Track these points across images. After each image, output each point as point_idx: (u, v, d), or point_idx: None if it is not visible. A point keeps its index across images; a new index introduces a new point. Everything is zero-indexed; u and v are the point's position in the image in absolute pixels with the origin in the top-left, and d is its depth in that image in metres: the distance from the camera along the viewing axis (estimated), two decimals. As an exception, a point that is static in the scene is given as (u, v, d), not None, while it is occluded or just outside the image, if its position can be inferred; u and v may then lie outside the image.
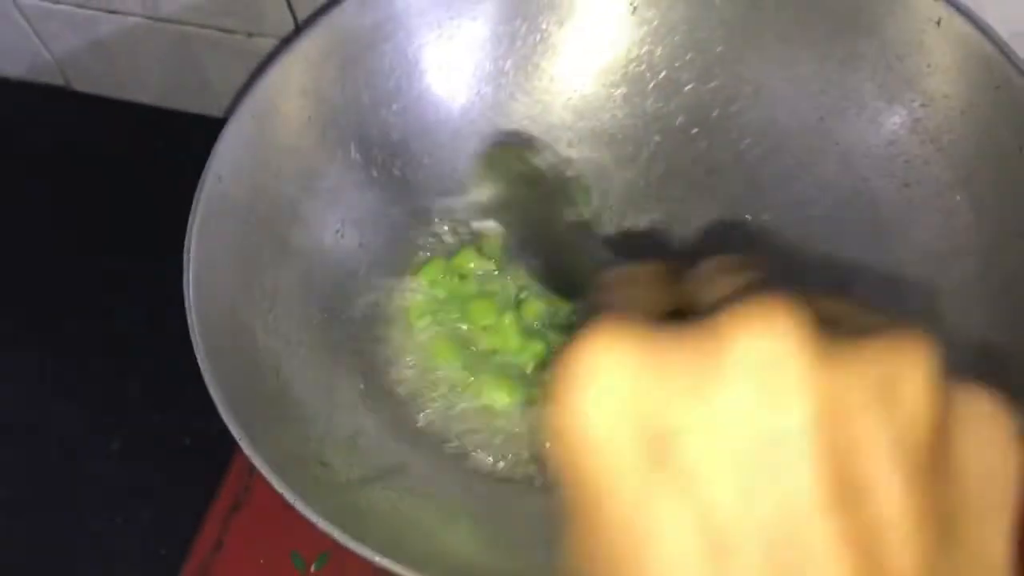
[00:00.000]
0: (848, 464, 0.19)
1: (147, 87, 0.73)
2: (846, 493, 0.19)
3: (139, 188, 0.70)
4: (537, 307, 0.48)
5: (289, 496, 0.36)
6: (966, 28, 0.44)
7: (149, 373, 0.60)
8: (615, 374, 0.20)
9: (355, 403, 0.45)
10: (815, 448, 0.19)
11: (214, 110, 0.72)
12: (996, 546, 0.20)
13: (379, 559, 0.35)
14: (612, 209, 0.52)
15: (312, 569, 0.49)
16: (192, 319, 0.40)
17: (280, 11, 0.62)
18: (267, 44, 0.64)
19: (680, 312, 0.25)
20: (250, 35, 0.65)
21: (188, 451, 0.57)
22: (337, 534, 0.35)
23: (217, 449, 0.54)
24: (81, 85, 0.75)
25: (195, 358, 0.54)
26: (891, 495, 0.19)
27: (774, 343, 0.19)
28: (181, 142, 0.69)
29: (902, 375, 0.19)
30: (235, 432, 0.37)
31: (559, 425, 0.21)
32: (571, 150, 0.53)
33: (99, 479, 0.58)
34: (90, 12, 0.67)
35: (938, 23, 0.45)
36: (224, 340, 0.42)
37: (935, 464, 0.20)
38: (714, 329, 0.20)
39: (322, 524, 0.35)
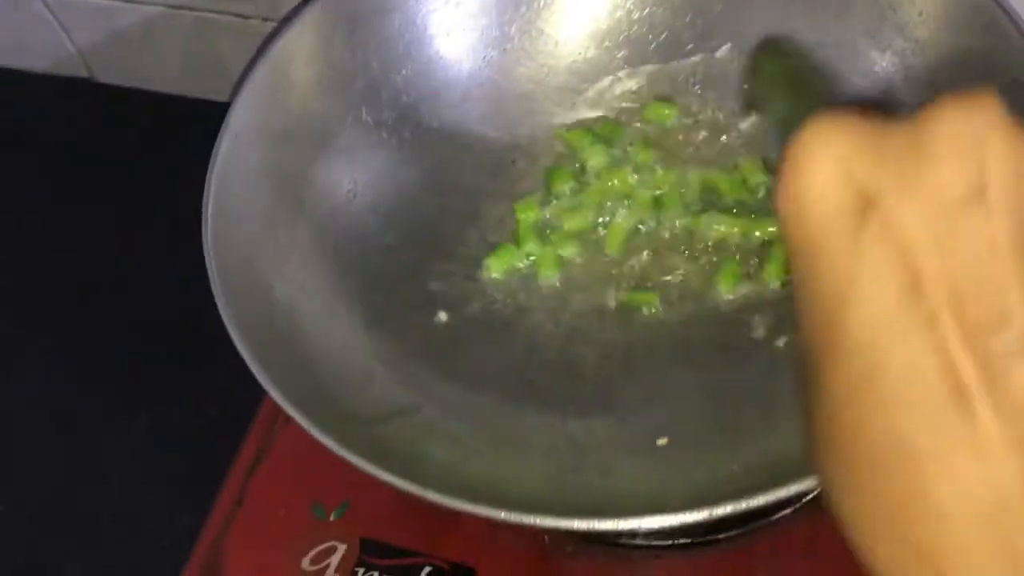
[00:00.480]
0: None
1: (168, 76, 0.74)
2: None
3: (163, 172, 0.71)
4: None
5: (307, 425, 0.37)
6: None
7: (176, 345, 0.62)
8: (836, 144, 0.24)
9: (366, 348, 0.47)
10: (1005, 204, 0.22)
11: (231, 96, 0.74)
12: None
13: (404, 485, 0.37)
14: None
15: (332, 518, 0.50)
16: (211, 266, 0.42)
17: (295, -6, 0.64)
18: (280, 26, 0.66)
19: None
20: (266, 20, 0.67)
21: (213, 421, 0.59)
22: (361, 463, 0.37)
23: (240, 419, 0.56)
24: (104, 76, 0.77)
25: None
26: None
27: (974, 118, 0.23)
28: (203, 128, 0.71)
29: None
30: (254, 368, 0.39)
31: (787, 190, 0.25)
32: (575, 111, 0.54)
33: (127, 449, 0.59)
34: (110, 2, 0.69)
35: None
36: (241, 287, 0.43)
37: None
38: (923, 113, 0.23)
39: (343, 452, 0.37)
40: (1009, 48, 0.45)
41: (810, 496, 0.44)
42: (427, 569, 0.49)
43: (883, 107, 0.48)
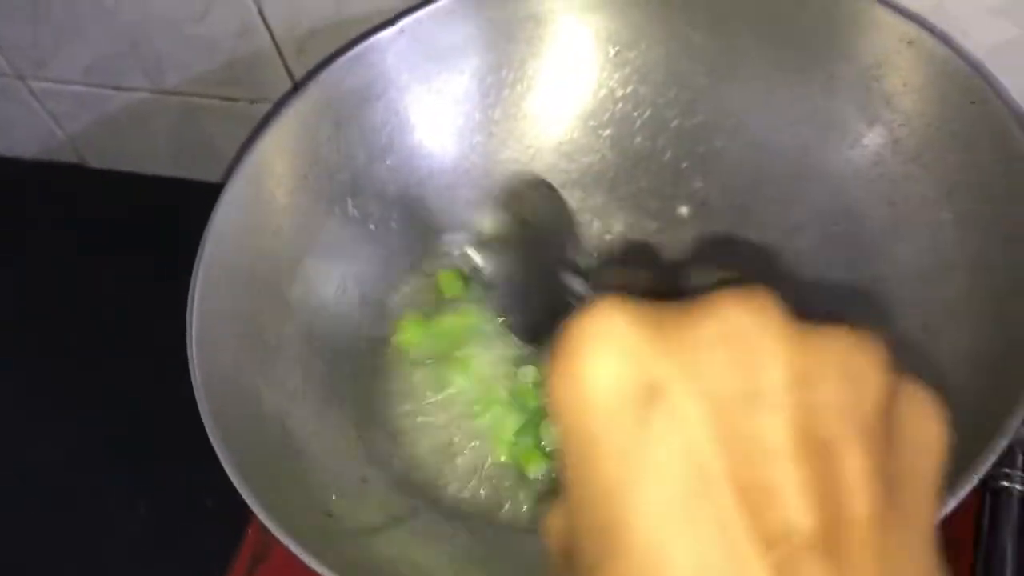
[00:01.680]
0: (813, 423, 0.21)
1: (158, 158, 0.75)
2: (811, 446, 0.21)
3: (156, 254, 0.71)
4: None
5: (295, 548, 0.37)
6: (937, 46, 0.45)
7: (172, 434, 0.61)
8: (618, 331, 0.23)
9: (358, 452, 0.46)
10: (786, 406, 0.21)
11: (221, 176, 0.74)
12: (928, 507, 0.23)
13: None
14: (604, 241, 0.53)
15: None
16: (196, 380, 0.42)
17: (280, 76, 0.64)
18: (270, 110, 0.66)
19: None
20: (253, 102, 0.67)
21: (212, 511, 0.58)
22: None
23: (240, 507, 0.55)
24: (96, 161, 0.77)
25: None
26: (851, 452, 0.21)
27: (753, 316, 0.22)
28: (193, 209, 0.71)
29: (859, 358, 0.22)
30: (240, 488, 0.38)
31: (564, 379, 0.23)
32: (563, 192, 0.54)
33: (125, 539, 0.59)
34: (98, 90, 0.70)
35: (910, 43, 0.46)
36: (228, 397, 0.43)
37: (884, 433, 0.22)
38: (702, 304, 0.23)
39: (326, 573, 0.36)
40: (994, 119, 0.44)
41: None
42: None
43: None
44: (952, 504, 0.35)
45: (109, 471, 0.62)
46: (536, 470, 0.47)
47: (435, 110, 0.53)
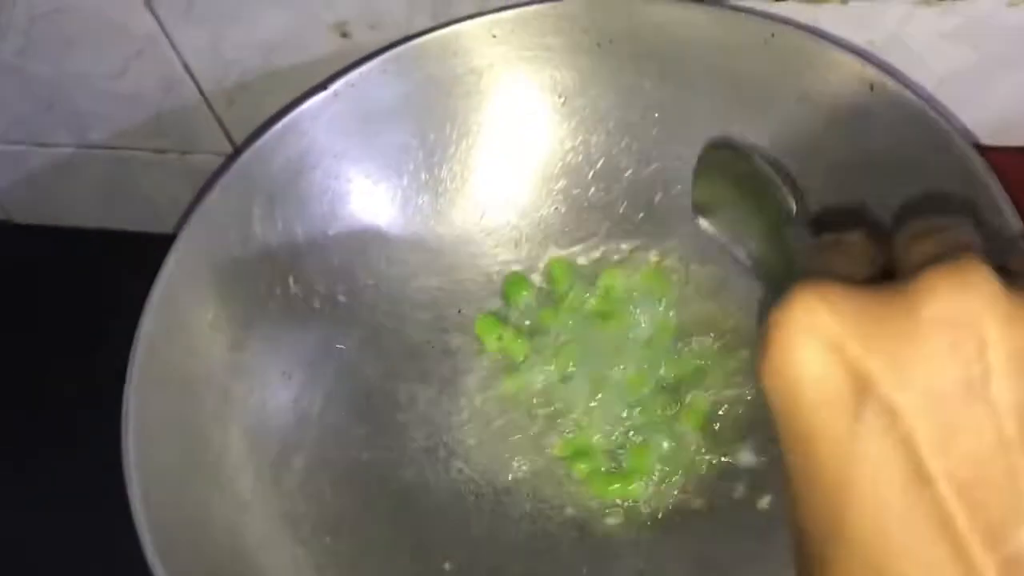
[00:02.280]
0: None
1: (88, 212, 0.71)
2: None
3: (93, 309, 0.68)
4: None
5: None
6: (902, 91, 0.43)
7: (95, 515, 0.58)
8: (823, 324, 0.23)
9: (320, 558, 0.43)
10: (1007, 395, 0.21)
11: (158, 226, 0.71)
12: None
13: None
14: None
15: None
16: (135, 501, 0.39)
17: (211, 127, 0.61)
18: (202, 160, 0.63)
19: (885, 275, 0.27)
20: (184, 153, 0.64)
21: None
22: None
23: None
24: (22, 217, 0.73)
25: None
26: None
27: (969, 298, 0.21)
28: (128, 260, 0.67)
29: None
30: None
31: (774, 371, 0.24)
32: (518, 250, 0.51)
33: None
34: (20, 147, 0.66)
35: (871, 88, 0.44)
36: (172, 512, 0.40)
37: None
38: (912, 289, 0.22)
39: None
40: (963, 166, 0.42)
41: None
42: None
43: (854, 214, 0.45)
44: None
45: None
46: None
47: (377, 174, 0.50)
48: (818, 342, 0.23)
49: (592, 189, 0.51)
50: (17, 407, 0.64)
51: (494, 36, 0.48)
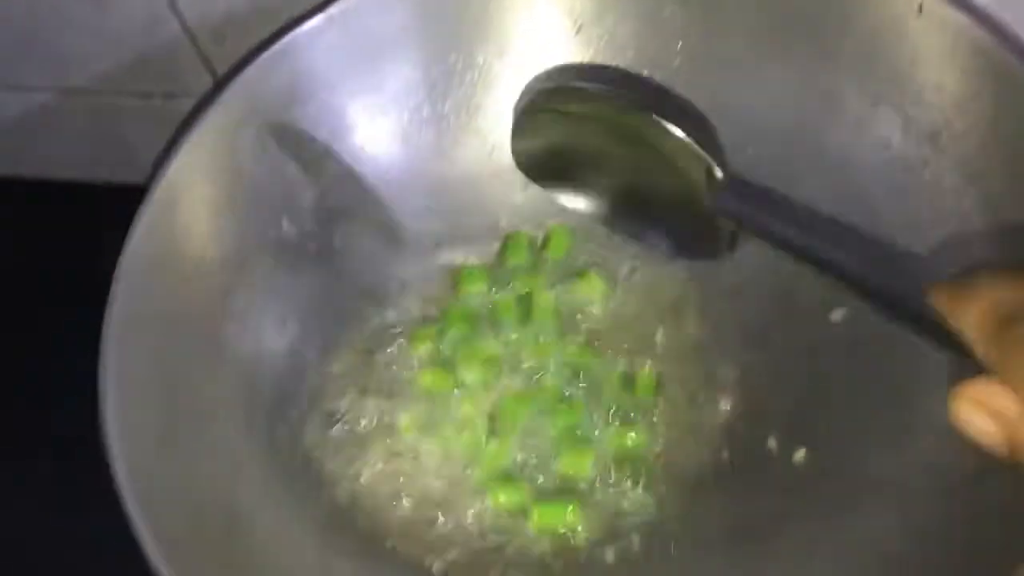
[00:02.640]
0: None
1: (68, 162, 0.68)
2: None
3: (72, 265, 0.64)
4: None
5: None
6: (952, 13, 0.39)
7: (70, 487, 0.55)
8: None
9: (320, 532, 0.40)
10: None
11: (141, 177, 0.67)
12: None
13: None
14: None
15: None
16: (114, 458, 0.35)
17: (197, 69, 0.57)
18: (188, 105, 0.59)
19: None
20: (169, 97, 0.60)
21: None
22: None
23: None
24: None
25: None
26: None
27: None
28: (110, 214, 0.64)
29: None
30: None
31: None
32: (526, 192, 0.48)
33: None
34: (-6, 92, 0.62)
35: (919, 10, 0.40)
36: (157, 479, 0.36)
37: None
38: None
39: None
40: (1019, 89, 0.39)
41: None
42: None
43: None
44: None
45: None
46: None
47: (375, 108, 0.47)
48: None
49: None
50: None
51: (504, -43, 0.45)
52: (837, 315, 0.44)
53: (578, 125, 0.43)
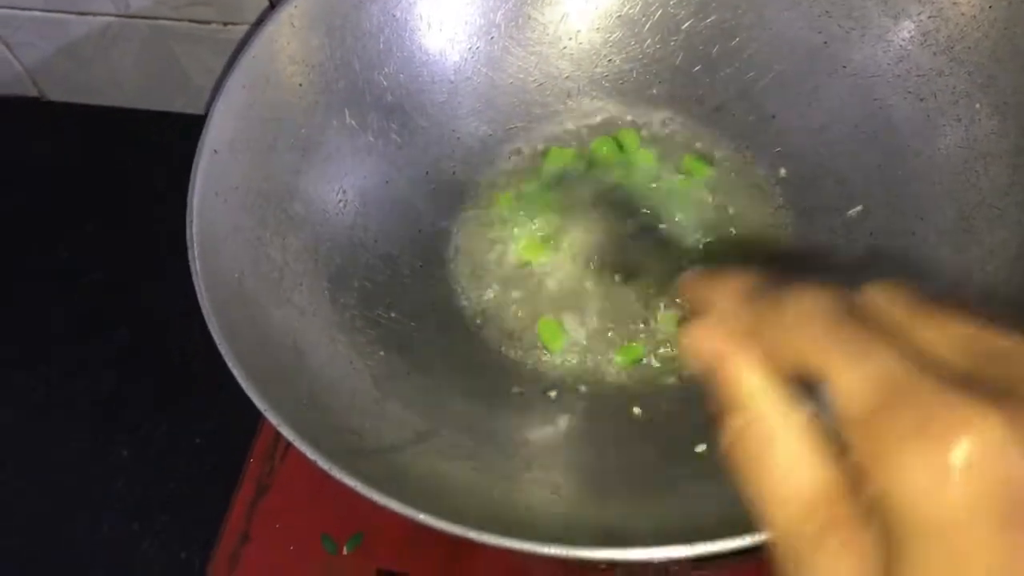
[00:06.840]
0: None
1: (124, 89, 0.70)
2: None
3: (127, 194, 0.67)
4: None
5: (323, 463, 0.34)
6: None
7: (151, 380, 0.58)
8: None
9: (372, 371, 0.43)
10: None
11: (195, 107, 0.70)
12: None
13: (422, 517, 0.33)
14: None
15: (345, 551, 0.47)
16: (202, 295, 0.38)
17: (255, -4, 0.60)
18: (244, 32, 0.62)
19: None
20: (226, 24, 0.63)
21: (200, 451, 0.55)
22: (375, 495, 0.33)
23: (230, 446, 0.52)
24: (56, 95, 0.72)
25: (197, 360, 0.53)
26: None
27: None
28: (164, 143, 0.67)
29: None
30: (259, 403, 0.36)
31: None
32: (570, 101, 0.51)
33: (111, 489, 0.55)
34: (58, 16, 0.65)
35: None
36: (236, 314, 0.40)
37: None
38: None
39: (359, 487, 0.34)
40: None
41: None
42: (450, 599, 0.45)
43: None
44: None
45: (89, 417, 0.58)
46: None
47: (433, 14, 0.50)
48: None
49: (647, 41, 0.51)
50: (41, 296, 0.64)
51: None
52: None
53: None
